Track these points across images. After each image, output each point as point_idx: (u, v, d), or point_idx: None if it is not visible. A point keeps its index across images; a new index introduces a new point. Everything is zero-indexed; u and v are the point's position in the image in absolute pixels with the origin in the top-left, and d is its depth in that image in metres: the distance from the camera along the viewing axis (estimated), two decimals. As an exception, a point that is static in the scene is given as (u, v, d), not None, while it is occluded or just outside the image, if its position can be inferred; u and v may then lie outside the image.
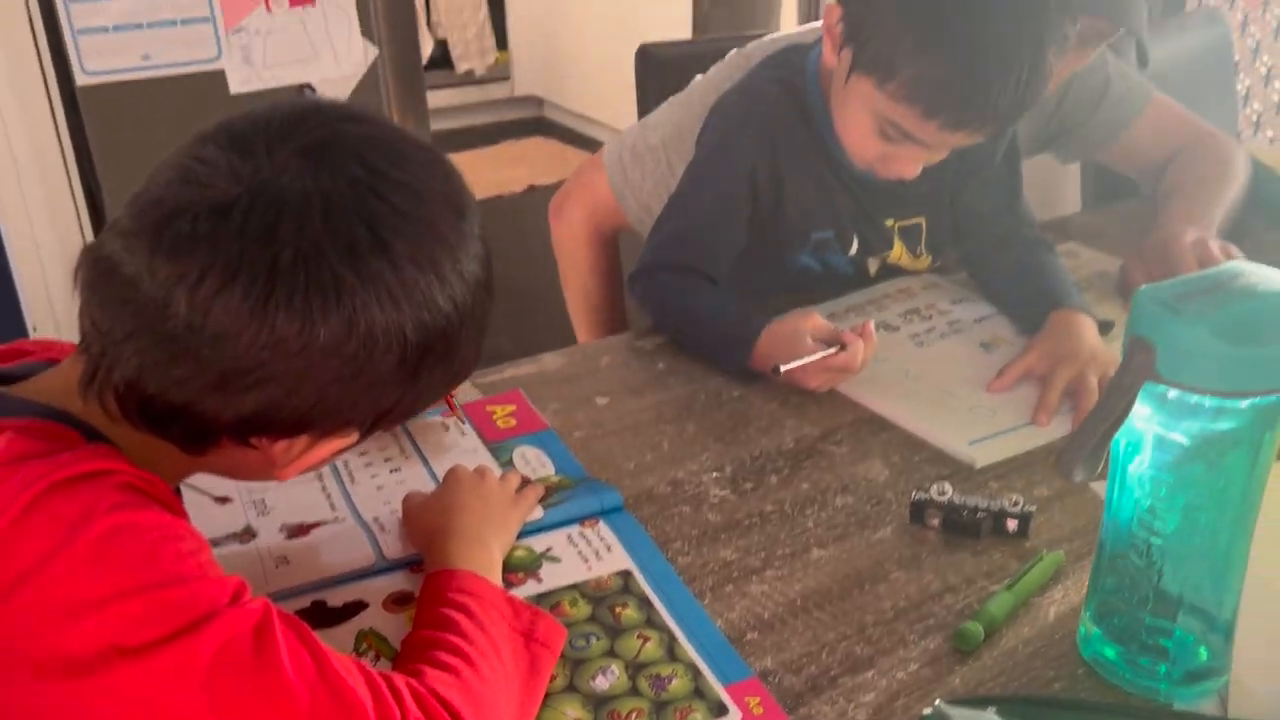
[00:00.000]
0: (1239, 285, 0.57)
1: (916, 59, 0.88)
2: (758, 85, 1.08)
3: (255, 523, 0.79)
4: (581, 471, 0.85)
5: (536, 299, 3.14)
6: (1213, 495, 0.60)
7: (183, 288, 0.51)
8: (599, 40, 4.43)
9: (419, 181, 0.56)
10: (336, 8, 2.49)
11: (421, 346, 0.56)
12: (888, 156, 0.99)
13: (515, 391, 0.96)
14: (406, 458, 0.88)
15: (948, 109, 0.89)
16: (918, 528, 0.78)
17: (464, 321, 0.57)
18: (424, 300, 0.55)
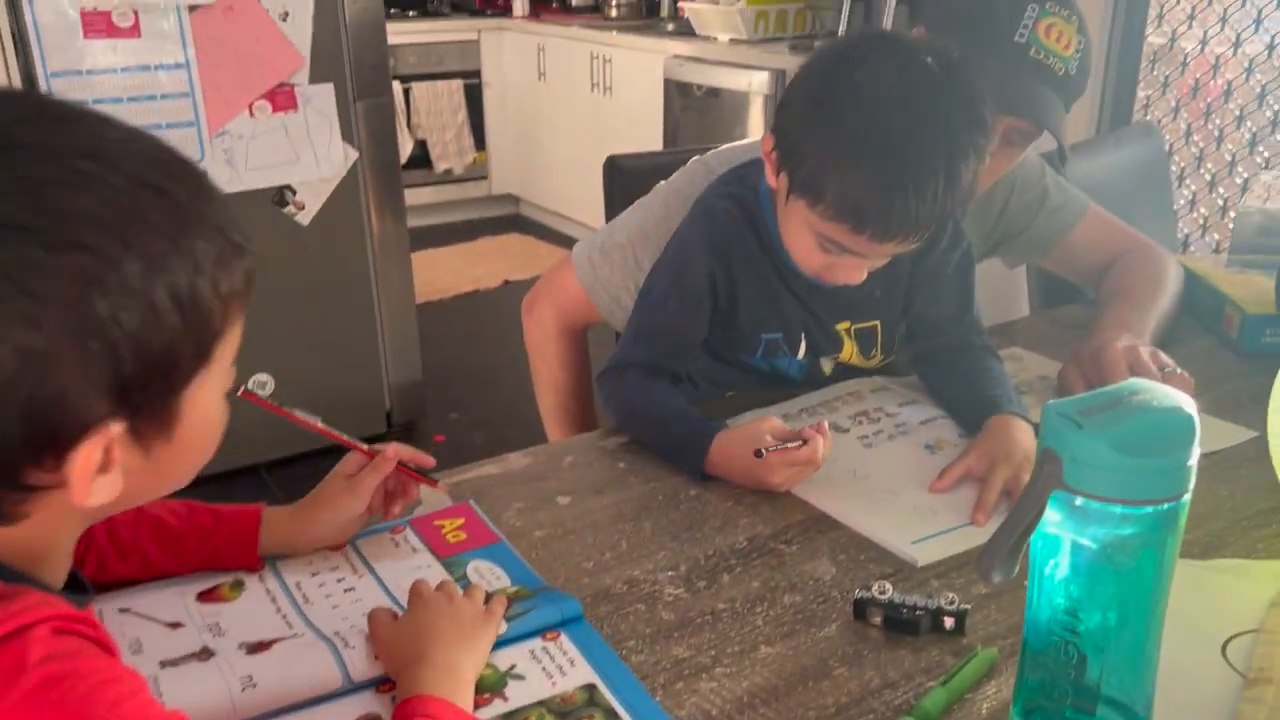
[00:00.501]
0: (1137, 401, 0.62)
1: (839, 181, 0.96)
2: (714, 203, 1.16)
3: (212, 644, 0.79)
4: (538, 580, 0.87)
5: (512, 392, 3.19)
6: (1123, 594, 0.64)
7: None
8: (573, 142, 4.57)
9: (20, 141, 0.53)
10: (318, 113, 2.58)
11: (76, 318, 0.51)
12: (832, 266, 1.06)
13: (464, 505, 0.98)
14: (359, 575, 0.88)
15: (872, 223, 0.97)
16: (861, 625, 0.82)
17: (134, 274, 0.52)
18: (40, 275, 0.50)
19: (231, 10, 2.40)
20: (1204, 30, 2.84)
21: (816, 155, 0.97)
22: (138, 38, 2.33)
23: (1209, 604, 0.83)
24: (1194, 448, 0.60)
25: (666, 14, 4.69)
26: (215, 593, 0.86)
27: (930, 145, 0.94)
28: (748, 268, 1.14)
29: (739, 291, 1.15)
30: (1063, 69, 1.18)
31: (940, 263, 1.19)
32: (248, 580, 0.87)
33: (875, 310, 1.20)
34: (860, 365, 1.24)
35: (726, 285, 1.15)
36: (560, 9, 5.12)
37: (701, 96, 3.73)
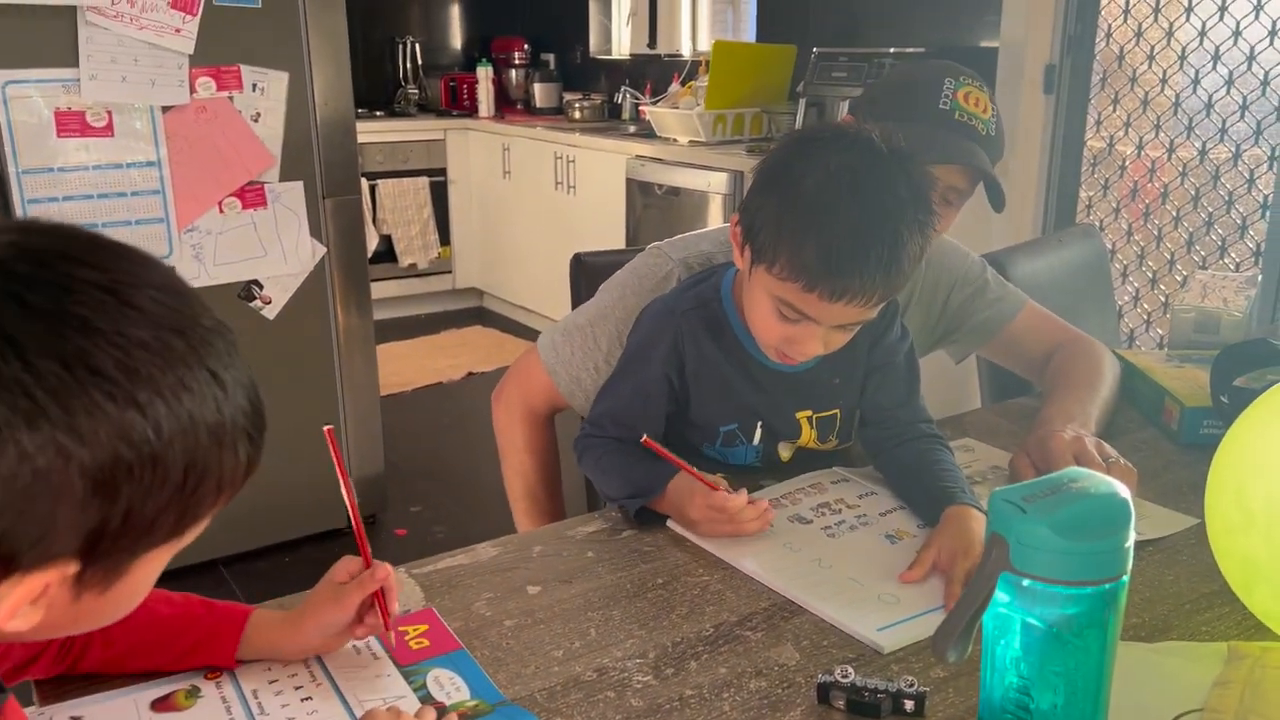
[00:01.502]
0: (1076, 488, 0.67)
1: (790, 242, 1.05)
2: (673, 303, 1.24)
3: None
4: (498, 695, 0.87)
5: (474, 485, 3.20)
6: (1071, 672, 0.68)
7: None
8: (537, 238, 4.66)
9: (69, 278, 0.52)
10: (288, 210, 2.63)
11: (100, 460, 0.51)
12: (791, 338, 1.12)
13: (428, 610, 0.98)
14: (317, 684, 0.87)
15: (822, 281, 1.04)
16: (824, 708, 0.85)
17: (162, 428, 0.53)
18: (83, 406, 0.50)
19: (205, 111, 2.46)
20: (1140, 136, 2.99)
21: (772, 222, 1.06)
22: (111, 137, 2.38)
23: (1156, 685, 0.86)
24: (1130, 531, 0.65)
25: (628, 116, 4.84)
26: (170, 701, 0.84)
27: (874, 211, 1.03)
28: (706, 365, 1.21)
29: (695, 390, 1.22)
30: (984, 129, 1.31)
31: (891, 351, 1.26)
32: (204, 687, 0.86)
33: (835, 398, 1.25)
34: (816, 449, 1.28)
35: (681, 385, 1.22)
36: (524, 110, 5.27)
37: (662, 195, 3.83)
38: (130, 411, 0.52)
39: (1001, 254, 1.70)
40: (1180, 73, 2.84)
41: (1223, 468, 0.95)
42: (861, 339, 1.24)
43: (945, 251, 1.47)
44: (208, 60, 2.42)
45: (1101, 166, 3.14)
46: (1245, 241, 2.75)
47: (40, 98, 2.28)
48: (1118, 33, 3.01)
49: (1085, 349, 1.46)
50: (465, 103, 5.22)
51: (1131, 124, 3.01)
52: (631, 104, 4.83)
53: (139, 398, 0.52)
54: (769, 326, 1.13)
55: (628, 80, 4.93)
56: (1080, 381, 1.39)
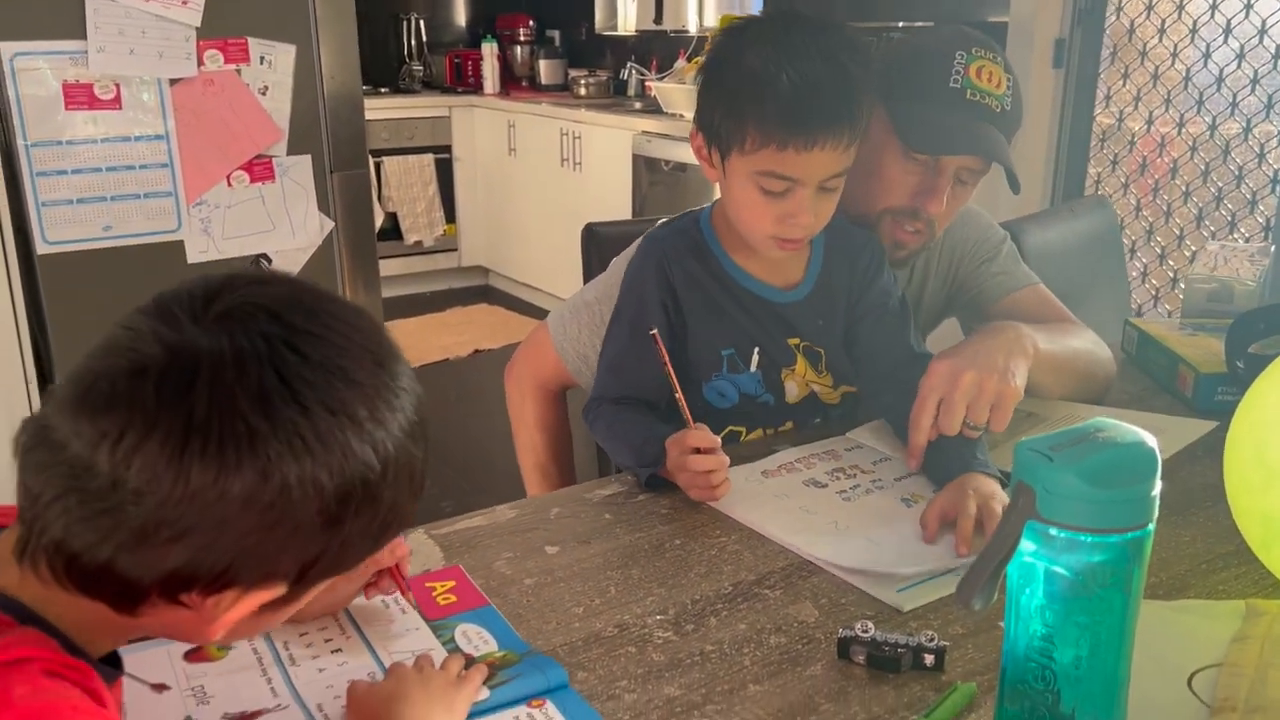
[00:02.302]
0: (1103, 437, 0.67)
1: (753, 114, 1.10)
2: (654, 234, 1.28)
3: (195, 712, 0.78)
4: (524, 645, 0.87)
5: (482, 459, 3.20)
6: (1096, 622, 0.68)
7: (105, 445, 0.53)
8: (543, 215, 4.65)
9: (334, 334, 0.58)
10: (295, 184, 2.62)
11: (340, 494, 0.57)
12: (781, 214, 1.14)
13: (455, 568, 0.99)
14: (347, 638, 0.88)
15: (792, 132, 1.08)
16: (844, 663, 0.85)
17: (387, 468, 0.59)
18: (340, 447, 0.56)
19: (212, 84, 2.45)
20: (1149, 111, 2.98)
21: (731, 106, 1.12)
22: (118, 109, 2.37)
23: (1174, 641, 0.87)
24: (1156, 479, 0.65)
25: (634, 92, 4.82)
26: (202, 653, 0.85)
27: (814, 55, 1.09)
28: (694, 286, 1.23)
29: (689, 311, 1.24)
30: (998, 106, 1.28)
31: (881, 296, 1.28)
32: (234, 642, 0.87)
33: (820, 336, 1.28)
34: (821, 387, 1.30)
35: (676, 311, 1.24)
36: (530, 87, 5.25)
37: (669, 171, 3.83)
38: (370, 453, 0.58)
39: (1014, 224, 1.69)
40: (1191, 46, 2.83)
41: (1242, 427, 0.95)
42: (844, 284, 1.26)
43: (968, 220, 1.46)
44: (215, 32, 2.41)
45: (1110, 142, 3.13)
46: (1255, 216, 2.74)
47: (48, 69, 2.27)
48: (1129, 6, 2.99)
49: (1076, 327, 1.40)
50: (470, 79, 5.20)
51: (1141, 99, 3.00)
52: (637, 80, 4.81)
53: (377, 440, 0.58)
54: (759, 212, 1.15)
55: (633, 56, 4.91)
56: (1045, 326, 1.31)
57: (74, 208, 2.37)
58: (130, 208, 2.43)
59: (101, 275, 2.36)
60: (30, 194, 2.30)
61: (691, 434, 1.08)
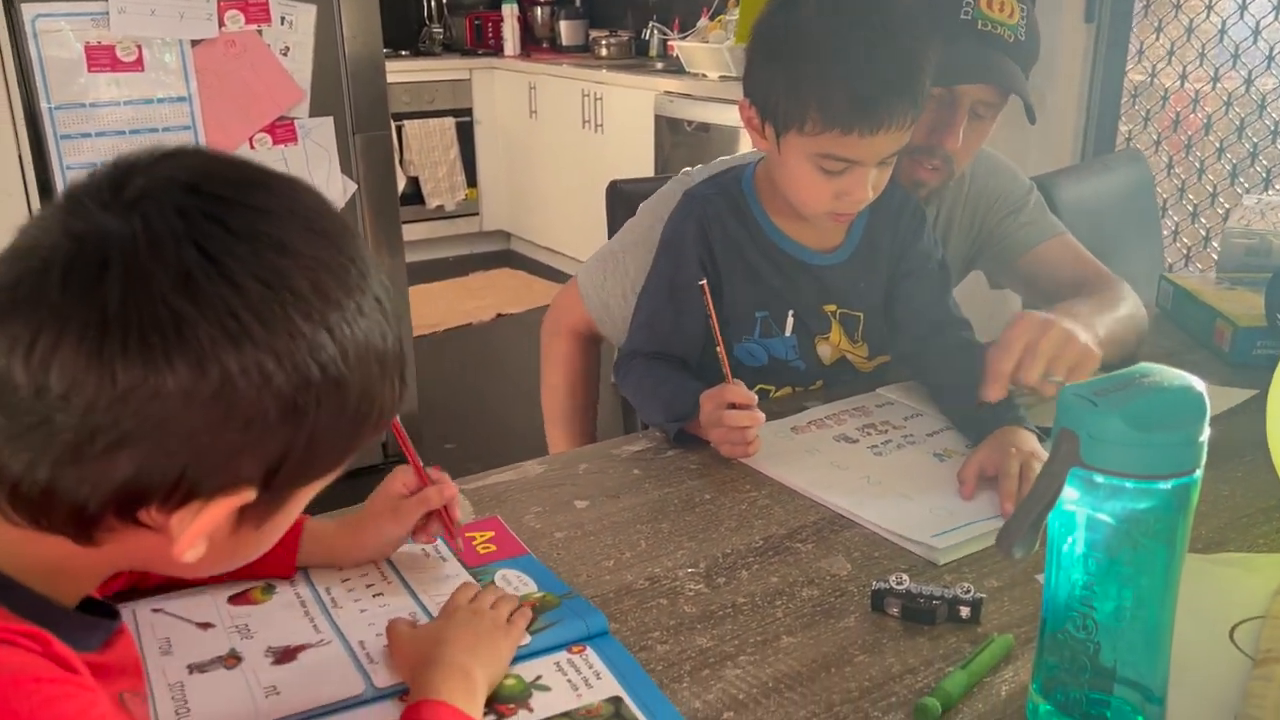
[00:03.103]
0: (1149, 382, 0.65)
1: (816, 94, 1.06)
2: (695, 192, 1.25)
3: (239, 646, 0.79)
4: (564, 587, 0.87)
5: (505, 423, 3.21)
6: (1139, 572, 0.66)
7: (19, 353, 0.48)
8: (565, 178, 4.62)
9: (264, 204, 0.52)
10: (318, 146, 2.61)
11: (296, 381, 0.51)
12: (841, 192, 1.12)
13: (494, 518, 0.99)
14: (388, 582, 0.89)
15: (858, 118, 1.05)
16: (879, 615, 0.84)
17: (346, 350, 0.53)
18: (284, 326, 0.50)
19: (234, 45, 2.44)
20: (1183, 66, 2.91)
21: (791, 84, 1.08)
22: (141, 71, 2.36)
23: (1215, 594, 0.86)
24: (1204, 425, 0.63)
25: (656, 53, 4.77)
26: (246, 595, 0.87)
27: (881, 34, 1.05)
28: (732, 247, 1.21)
29: (726, 272, 1.22)
30: (1012, 36, 1.25)
31: (922, 258, 1.26)
32: (279, 585, 0.88)
33: (859, 300, 1.26)
34: (855, 357, 1.28)
35: (714, 268, 1.22)
36: (550, 48, 5.21)
37: (692, 131, 3.79)
38: (322, 334, 0.52)
39: (1046, 178, 1.66)
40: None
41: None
42: (887, 245, 1.23)
43: (993, 170, 1.44)
44: (236, -8, 2.39)
45: (1143, 98, 3.07)
46: (1291, 171, 2.69)
47: (70, 31, 2.26)
48: (1163, -43, 2.92)
49: (1112, 288, 1.36)
50: (491, 41, 5.16)
51: (1175, 53, 2.93)
52: (659, 39, 4.76)
53: (329, 319, 0.52)
54: (816, 190, 1.12)
55: (655, 15, 4.85)
56: (1092, 302, 1.28)
57: (98, 171, 2.37)
58: (154, 170, 2.43)
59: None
60: (55, 158, 2.30)
61: (729, 389, 1.07)
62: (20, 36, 2.22)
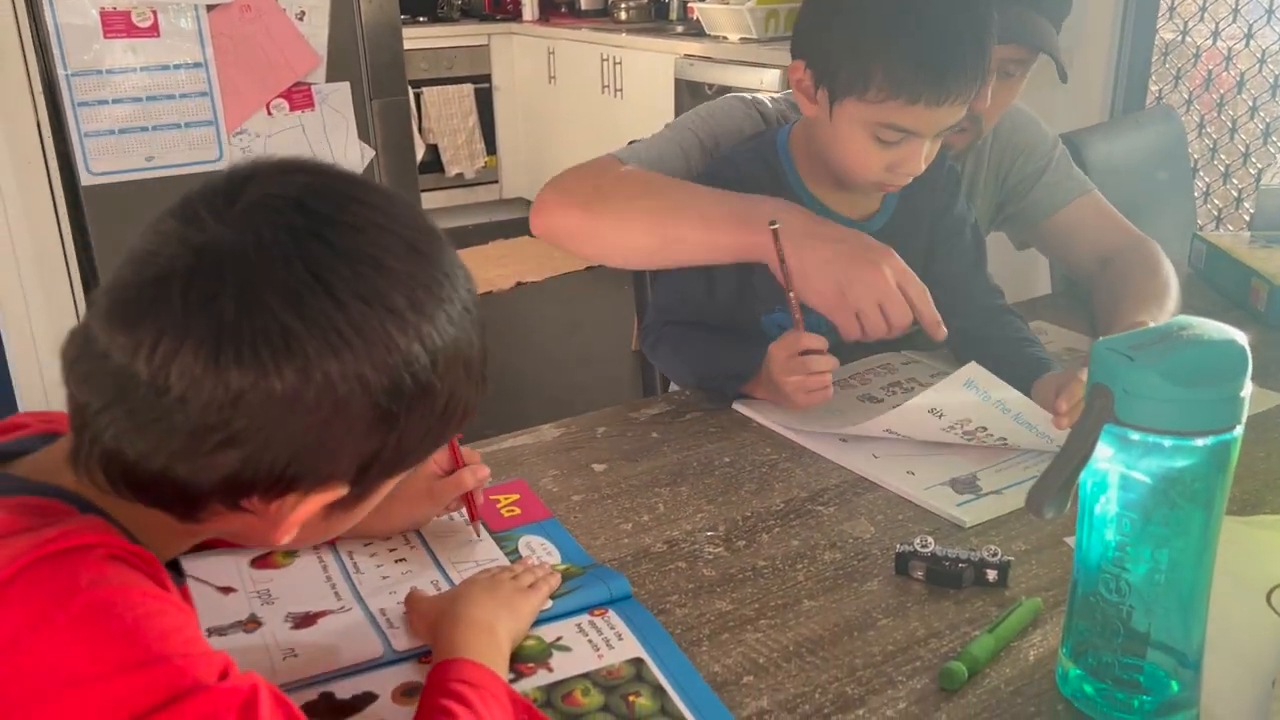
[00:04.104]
0: (1187, 335, 0.63)
1: (883, 60, 1.01)
2: (732, 157, 1.20)
3: (260, 611, 0.79)
4: (588, 558, 0.86)
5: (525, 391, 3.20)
6: (1175, 533, 0.64)
7: (141, 355, 0.52)
8: (585, 144, 4.56)
9: (364, 220, 0.56)
10: (335, 112, 2.59)
11: (390, 388, 0.55)
12: (892, 163, 1.08)
13: (519, 481, 0.98)
14: (411, 548, 0.88)
15: (926, 88, 1.01)
16: (903, 579, 0.82)
17: (436, 357, 0.56)
18: (381, 339, 0.54)
19: (249, 10, 2.41)
20: (1216, 22, 2.84)
21: (853, 48, 1.03)
22: (156, 37, 2.34)
23: (1251, 557, 0.83)
24: (1246, 380, 0.61)
25: (676, 16, 4.71)
26: (269, 559, 0.86)
27: (946, 6, 1.01)
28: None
29: None
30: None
31: (958, 221, 1.22)
32: (301, 549, 0.87)
33: None
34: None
35: None
36: (569, 13, 5.15)
37: (713, 95, 3.73)
38: (415, 345, 0.55)
39: (1076, 135, 1.62)
40: (1263, -49, 2.68)
41: (1326, 335, 0.90)
42: (924, 211, 1.19)
43: (1019, 125, 1.40)
44: (250, -45, 2.36)
45: (1174, 56, 2.99)
46: (1328, 130, 2.62)
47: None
48: (1196, -89, 2.84)
49: (1147, 257, 1.32)
50: (509, 6, 5.11)
51: (1207, 9, 2.85)
52: (680, 2, 4.69)
53: (422, 331, 0.56)
54: (868, 159, 1.08)
55: (675, -22, 4.79)
56: (1148, 296, 1.24)
57: (116, 138, 2.36)
58: (172, 137, 2.41)
59: (146, 205, 2.30)
60: (73, 125, 2.29)
61: (805, 336, 1.05)
62: (36, 3, 2.20)
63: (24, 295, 2.31)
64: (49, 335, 2.33)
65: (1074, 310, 1.41)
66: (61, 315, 2.34)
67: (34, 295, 2.32)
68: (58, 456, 0.59)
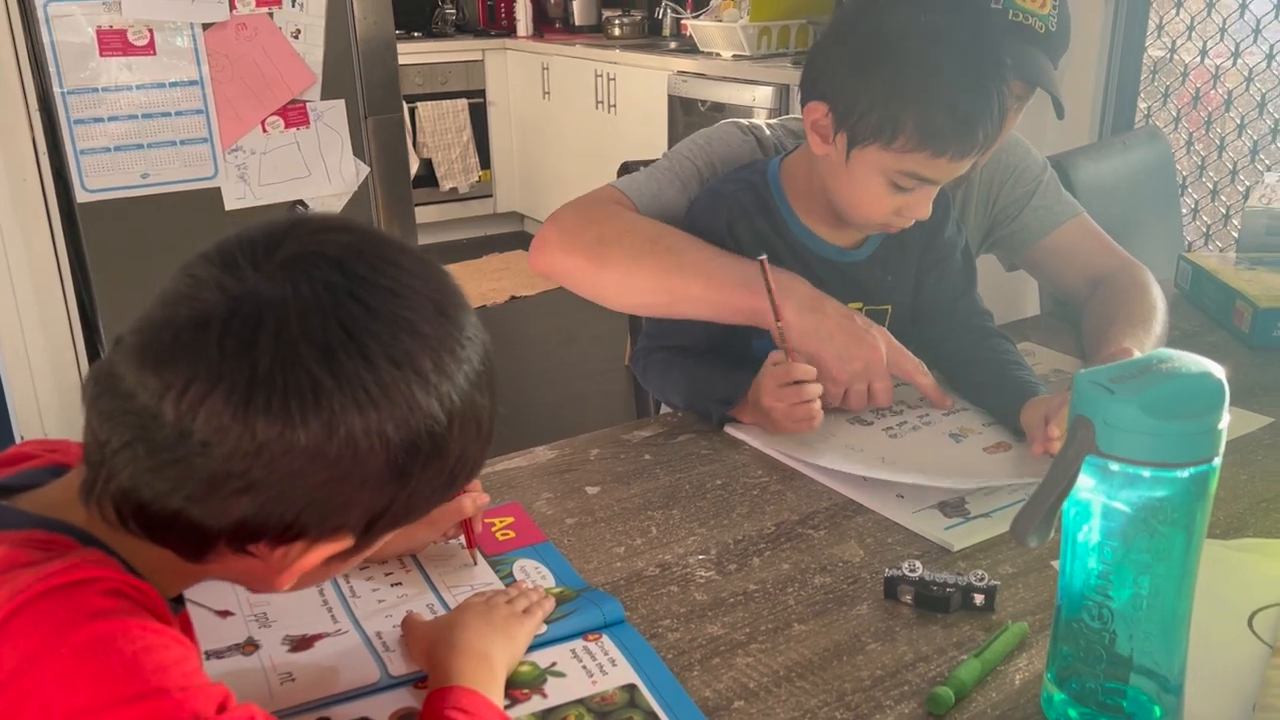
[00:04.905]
0: (1166, 368, 0.64)
1: (916, 112, 1.02)
2: (722, 188, 1.21)
3: (257, 635, 0.80)
4: (581, 582, 0.87)
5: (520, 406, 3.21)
6: (1156, 561, 0.66)
7: (170, 397, 0.53)
8: (578, 159, 4.60)
9: (398, 284, 0.57)
10: (330, 129, 2.61)
11: (407, 446, 0.56)
12: (902, 208, 1.10)
13: (514, 504, 0.99)
14: (407, 571, 0.89)
15: (953, 143, 1.03)
16: (891, 603, 0.84)
17: (453, 420, 0.58)
18: (405, 399, 0.55)
19: (245, 28, 2.43)
20: (1203, 41, 2.87)
21: (884, 97, 1.03)
22: (153, 55, 2.36)
23: (1234, 581, 0.84)
24: (1223, 412, 0.62)
25: (669, 32, 4.74)
26: None
27: (979, 58, 1.02)
28: (759, 245, 1.18)
29: None
30: (1043, 27, 1.22)
31: (948, 246, 1.24)
32: None
33: (887, 294, 1.23)
34: None
35: None
36: (563, 28, 5.17)
37: (706, 112, 3.76)
38: (435, 405, 0.57)
39: (1064, 156, 1.64)
40: (1249, -29, 2.71)
41: (1307, 361, 0.92)
42: (913, 237, 1.21)
43: (1008, 149, 1.41)
44: (246, -26, 2.38)
45: (1162, 74, 3.02)
46: (1314, 149, 2.64)
47: (82, 16, 2.26)
48: (1183, -69, 2.87)
49: (1135, 279, 1.33)
50: (503, 22, 5.13)
51: (1195, 28, 2.88)
52: (673, 18, 4.72)
53: (442, 391, 0.57)
54: (880, 203, 1.10)
55: (668, -5, 4.82)
56: (1136, 320, 1.25)
57: (112, 155, 2.37)
58: (167, 154, 2.42)
59: (141, 222, 2.36)
60: (69, 142, 2.30)
61: (794, 366, 1.06)
62: (33, 22, 2.22)
63: (18, 311, 2.32)
64: (44, 351, 2.34)
65: (1062, 331, 1.42)
66: (56, 332, 2.35)
67: (28, 311, 2.32)
68: (67, 490, 0.60)
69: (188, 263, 0.57)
